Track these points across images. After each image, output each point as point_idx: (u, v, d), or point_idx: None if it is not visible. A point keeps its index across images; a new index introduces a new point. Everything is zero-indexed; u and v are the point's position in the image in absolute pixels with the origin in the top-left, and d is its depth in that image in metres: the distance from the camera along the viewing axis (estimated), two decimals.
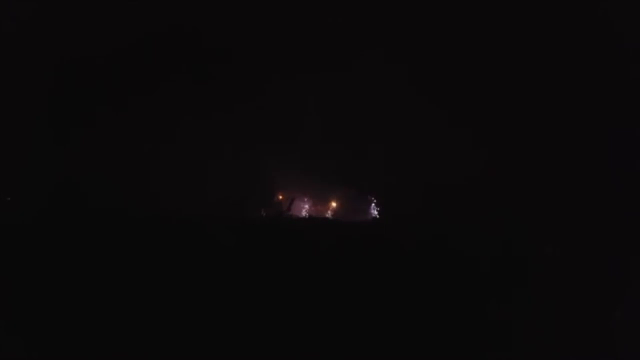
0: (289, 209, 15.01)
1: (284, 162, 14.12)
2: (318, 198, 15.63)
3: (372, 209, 14.76)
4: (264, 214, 14.42)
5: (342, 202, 15.61)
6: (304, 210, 15.71)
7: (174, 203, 12.29)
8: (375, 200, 14.84)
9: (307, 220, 14.96)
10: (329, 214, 15.78)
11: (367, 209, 14.85)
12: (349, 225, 14.07)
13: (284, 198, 15.30)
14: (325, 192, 15.42)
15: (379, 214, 14.58)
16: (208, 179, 13.16)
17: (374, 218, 14.71)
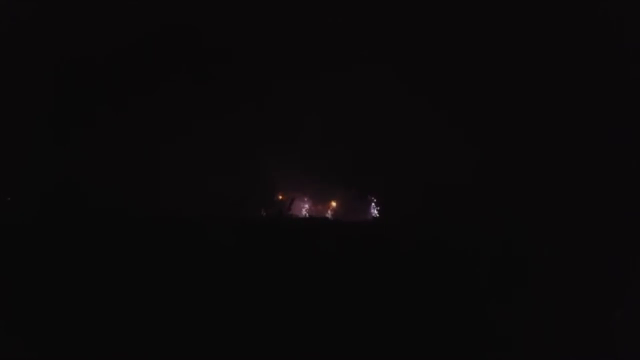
0: (289, 209, 15.00)
1: (284, 162, 14.11)
2: (318, 198, 15.61)
3: (372, 209, 14.75)
4: (264, 214, 14.42)
5: (342, 202, 15.59)
6: (304, 210, 15.70)
7: (174, 203, 12.30)
8: (375, 200, 14.83)
9: (307, 220, 14.96)
10: (329, 214, 15.77)
11: (367, 209, 14.84)
12: (349, 225, 14.07)
13: (284, 198, 15.28)
14: (325, 192, 15.41)
15: (379, 214, 14.58)
16: (208, 179, 13.16)
17: (374, 218, 14.70)
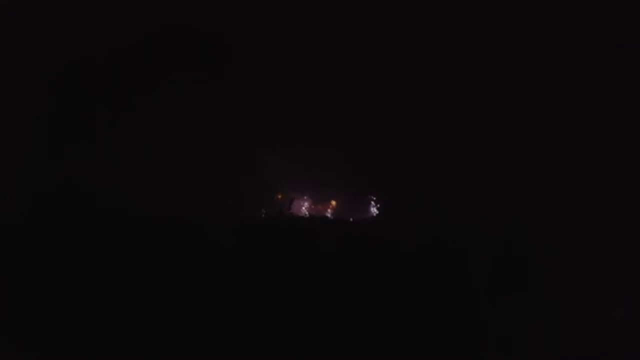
0: (289, 209, 14.98)
1: (284, 162, 14.10)
2: (318, 198, 15.56)
3: (372, 209, 14.73)
4: (264, 214, 14.40)
5: (342, 201, 15.55)
6: (304, 209, 15.67)
7: (174, 203, 12.29)
8: (375, 200, 14.81)
9: (307, 220, 14.93)
10: (329, 214, 15.75)
11: (367, 209, 14.81)
12: (349, 225, 14.06)
13: (284, 198, 15.26)
14: (325, 192, 15.38)
15: (379, 214, 14.56)
16: (208, 179, 13.14)
17: (374, 218, 14.68)
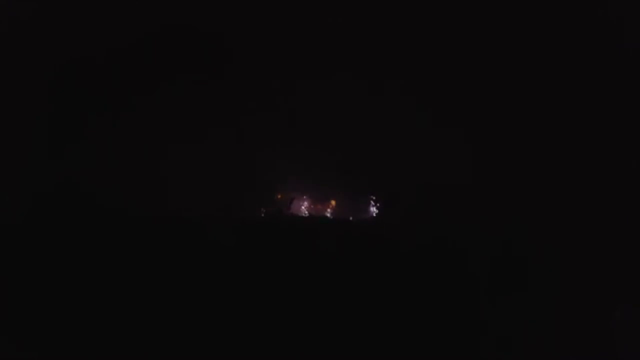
0: (289, 209, 14.98)
1: (284, 162, 14.09)
2: (318, 198, 15.57)
3: (371, 209, 14.73)
4: (264, 214, 14.40)
5: (341, 201, 15.56)
6: (304, 209, 15.66)
7: (174, 203, 12.29)
8: (375, 200, 14.81)
9: (306, 220, 14.93)
10: (329, 213, 15.74)
11: (366, 209, 14.81)
12: (349, 225, 14.06)
13: (283, 198, 15.26)
14: (325, 192, 15.38)
15: (379, 214, 14.55)
16: (208, 179, 13.14)
17: (374, 218, 14.68)
